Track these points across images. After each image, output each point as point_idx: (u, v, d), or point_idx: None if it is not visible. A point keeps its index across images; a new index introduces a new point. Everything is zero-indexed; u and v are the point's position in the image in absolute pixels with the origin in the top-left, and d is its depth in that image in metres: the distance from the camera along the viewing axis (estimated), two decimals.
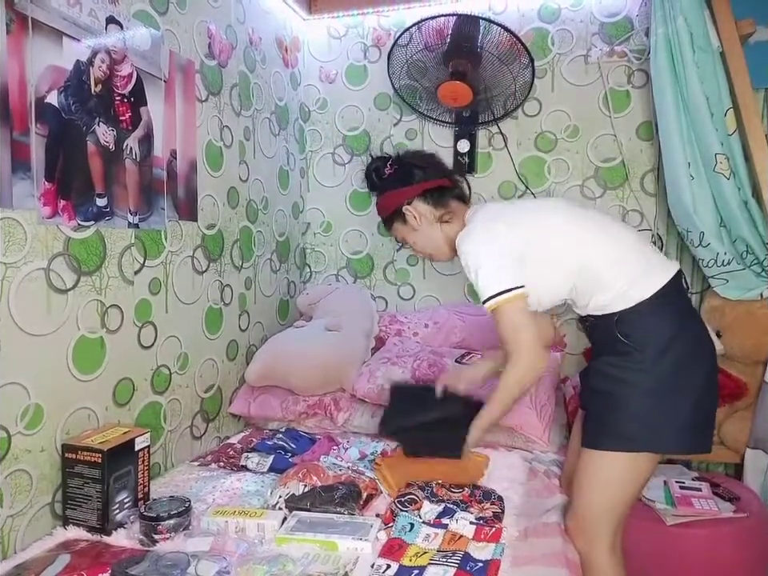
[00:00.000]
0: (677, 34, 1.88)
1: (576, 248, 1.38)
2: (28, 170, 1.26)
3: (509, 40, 2.12)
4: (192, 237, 1.82)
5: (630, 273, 1.34)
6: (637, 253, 1.38)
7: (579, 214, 1.46)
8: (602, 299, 1.35)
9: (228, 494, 1.47)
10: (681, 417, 1.31)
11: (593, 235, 1.39)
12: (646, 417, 1.31)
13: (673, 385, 1.31)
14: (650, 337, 1.32)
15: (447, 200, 1.52)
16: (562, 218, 1.43)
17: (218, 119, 1.94)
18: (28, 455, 1.30)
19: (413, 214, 1.50)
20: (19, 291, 1.26)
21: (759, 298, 1.92)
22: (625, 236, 1.42)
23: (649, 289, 1.32)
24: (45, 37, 1.29)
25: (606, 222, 1.45)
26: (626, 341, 1.33)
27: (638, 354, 1.31)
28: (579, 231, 1.40)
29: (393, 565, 1.15)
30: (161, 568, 1.09)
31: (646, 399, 1.31)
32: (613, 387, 1.35)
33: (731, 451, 1.97)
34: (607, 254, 1.37)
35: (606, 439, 1.35)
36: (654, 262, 1.38)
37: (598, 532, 1.36)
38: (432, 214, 1.51)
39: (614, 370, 1.35)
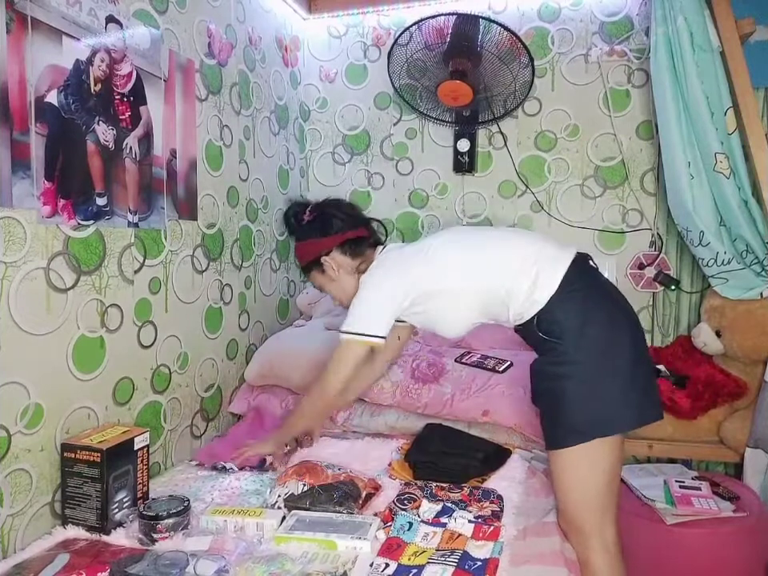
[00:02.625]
0: (677, 33, 1.88)
1: (472, 271, 1.42)
2: (28, 170, 1.26)
3: (509, 39, 2.12)
4: (192, 236, 1.82)
5: (531, 275, 1.36)
6: (530, 255, 1.39)
7: (467, 238, 1.51)
8: (517, 309, 1.38)
9: (227, 493, 1.47)
10: (618, 394, 1.32)
11: (485, 254, 1.43)
12: (585, 405, 1.32)
13: (600, 366, 1.33)
14: (565, 326, 1.34)
15: (364, 249, 1.56)
16: (453, 248, 1.46)
17: (218, 118, 1.94)
18: (28, 454, 1.30)
19: (331, 265, 1.53)
20: (19, 290, 1.26)
21: (759, 297, 1.92)
22: (515, 243, 1.45)
23: (551, 285, 1.34)
24: (44, 36, 1.29)
25: (492, 237, 1.51)
26: (548, 338, 1.35)
27: (560, 347, 1.34)
28: (471, 254, 1.44)
29: (391, 564, 1.15)
30: (160, 567, 1.09)
31: (580, 387, 1.32)
32: (548, 384, 1.37)
33: (731, 451, 1.97)
34: (503, 269, 1.40)
35: (560, 437, 1.36)
36: (552, 256, 1.39)
37: (585, 528, 1.35)
38: (350, 265, 1.54)
39: (546, 368, 1.38)
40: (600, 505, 1.36)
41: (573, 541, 1.37)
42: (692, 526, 1.65)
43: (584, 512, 1.35)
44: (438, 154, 2.47)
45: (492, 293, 1.41)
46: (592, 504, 1.35)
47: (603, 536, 1.36)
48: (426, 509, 1.34)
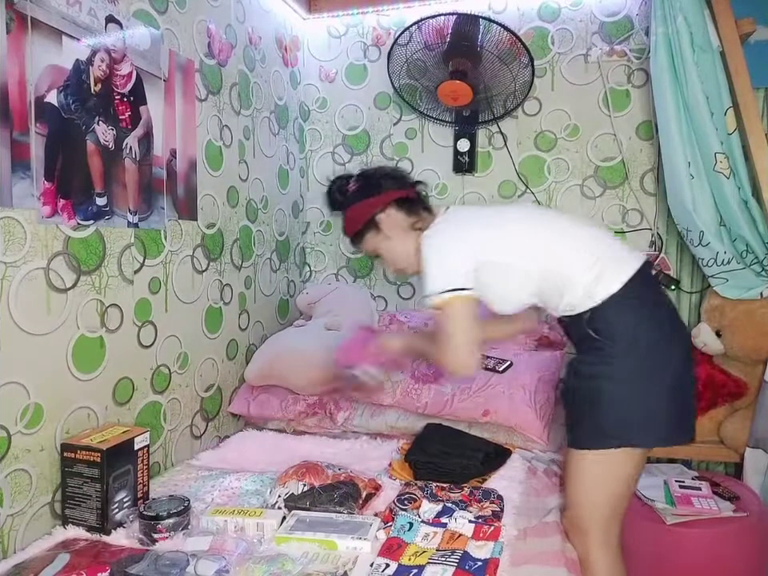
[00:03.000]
0: (677, 33, 1.88)
1: (539, 253, 1.38)
2: (28, 170, 1.26)
3: (509, 39, 2.12)
4: (192, 236, 1.82)
5: (595, 271, 1.33)
6: (601, 250, 1.37)
7: (541, 218, 1.47)
8: (571, 300, 1.35)
9: (227, 493, 1.47)
10: (658, 408, 1.31)
11: (556, 238, 1.40)
12: (621, 411, 1.30)
13: (646, 375, 1.31)
14: (618, 329, 1.31)
15: (418, 208, 1.51)
16: (524, 223, 1.43)
17: (218, 118, 1.94)
18: (28, 455, 1.30)
19: (387, 222, 1.48)
20: (19, 290, 1.26)
21: (759, 297, 1.92)
22: (588, 235, 1.42)
23: (615, 284, 1.32)
24: (44, 36, 1.29)
25: (568, 223, 1.45)
26: (597, 336, 1.33)
27: (608, 349, 1.31)
28: (542, 235, 1.40)
29: (392, 564, 1.15)
30: (160, 567, 1.09)
31: (620, 392, 1.30)
32: (588, 384, 1.35)
33: (731, 450, 1.97)
34: (571, 256, 1.36)
35: (585, 438, 1.35)
36: (619, 256, 1.38)
37: (590, 529, 1.35)
38: (406, 221, 1.49)
39: (588, 368, 1.36)
40: (611, 512, 1.36)
41: (575, 540, 1.37)
42: (692, 526, 1.65)
43: (593, 516, 1.35)
44: (438, 154, 2.46)
45: (553, 279, 1.37)
46: (603, 510, 1.35)
47: (607, 538, 1.36)
48: (426, 509, 1.34)
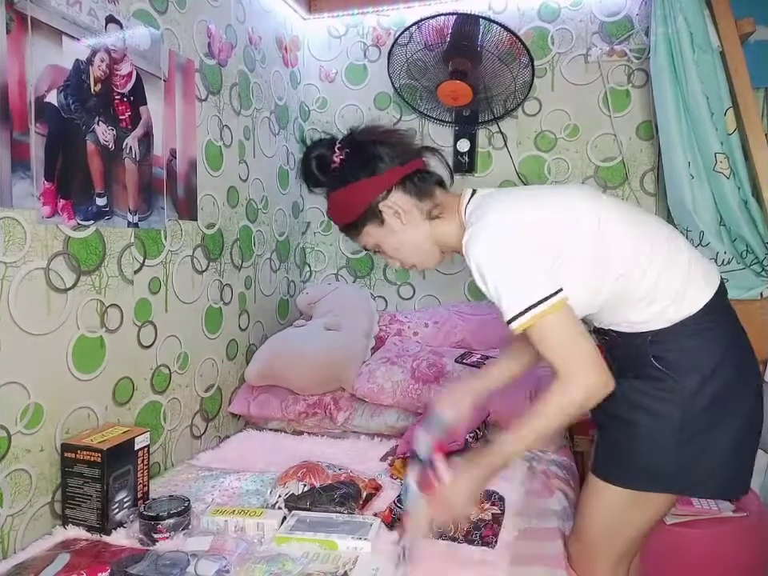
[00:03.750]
0: (677, 33, 1.88)
1: (616, 251, 1.08)
2: (28, 170, 1.26)
3: (509, 39, 2.12)
4: (192, 236, 1.82)
5: (672, 286, 1.08)
6: (684, 258, 1.11)
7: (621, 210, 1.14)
8: (636, 315, 1.11)
9: (227, 493, 1.46)
10: (715, 458, 1.10)
11: (636, 236, 1.10)
12: (673, 455, 1.10)
13: (710, 421, 1.09)
14: (691, 364, 1.09)
15: (430, 187, 1.17)
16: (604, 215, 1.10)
17: (218, 118, 1.94)
18: (28, 455, 1.30)
19: (393, 210, 1.14)
20: (19, 291, 1.26)
21: (759, 297, 1.91)
22: (672, 242, 1.13)
23: (693, 305, 1.09)
24: (44, 36, 1.29)
25: (643, 219, 1.15)
26: (660, 366, 1.10)
27: (673, 383, 1.09)
28: (626, 235, 1.09)
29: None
30: (160, 567, 1.09)
31: (677, 435, 1.09)
32: (638, 417, 1.12)
33: None
34: (648, 262, 1.08)
35: (620, 472, 1.15)
36: (698, 271, 1.12)
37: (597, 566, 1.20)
38: (417, 208, 1.15)
39: (641, 398, 1.12)
40: (625, 551, 1.21)
41: (580, 568, 1.23)
42: (692, 526, 1.65)
43: (605, 552, 1.20)
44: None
45: (626, 288, 1.09)
46: (618, 549, 1.20)
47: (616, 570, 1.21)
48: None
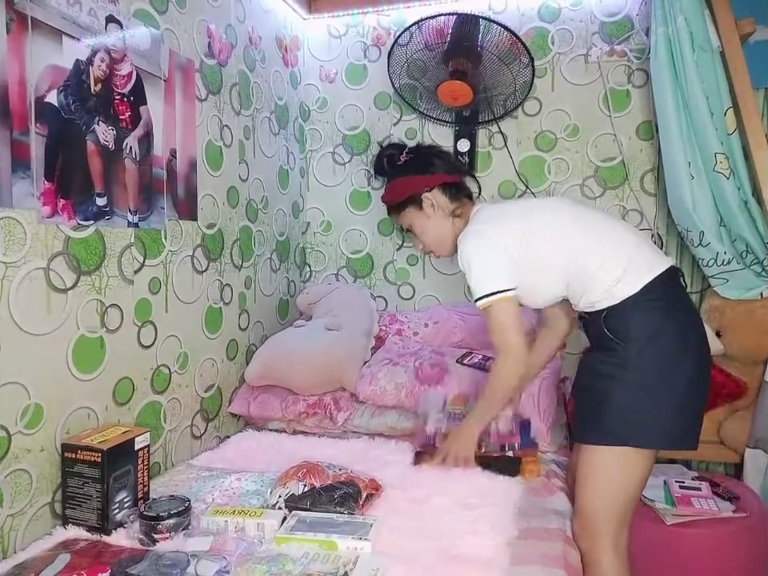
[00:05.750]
0: (677, 33, 1.88)
1: (570, 247, 1.40)
2: (28, 170, 1.26)
3: (509, 39, 2.12)
4: (192, 236, 1.82)
5: (618, 269, 1.34)
6: (627, 249, 1.38)
7: (573, 213, 1.48)
8: (592, 296, 1.38)
9: (227, 493, 1.46)
10: (663, 413, 1.32)
11: (585, 233, 1.41)
12: (627, 412, 1.32)
13: (656, 381, 1.32)
14: (633, 332, 1.33)
15: (462, 196, 1.59)
16: (557, 217, 1.46)
17: (218, 118, 1.94)
18: (28, 455, 1.30)
19: (431, 202, 1.55)
20: (19, 291, 1.26)
21: (759, 297, 1.92)
22: (616, 232, 1.43)
23: (635, 285, 1.33)
24: (44, 36, 1.29)
25: (599, 219, 1.47)
26: (612, 336, 1.35)
27: (622, 350, 1.33)
28: (572, 230, 1.42)
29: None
30: (160, 567, 1.09)
31: (628, 394, 1.32)
32: (598, 382, 1.38)
33: (731, 451, 1.97)
34: (597, 252, 1.38)
35: (592, 433, 1.38)
36: (645, 259, 1.38)
37: (600, 530, 1.36)
38: (447, 206, 1.56)
39: (600, 366, 1.38)
40: (622, 513, 1.37)
41: (584, 543, 1.37)
42: (692, 526, 1.65)
43: (605, 517, 1.36)
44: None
45: (579, 274, 1.39)
46: (615, 510, 1.36)
47: (617, 541, 1.36)
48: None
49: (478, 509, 1.36)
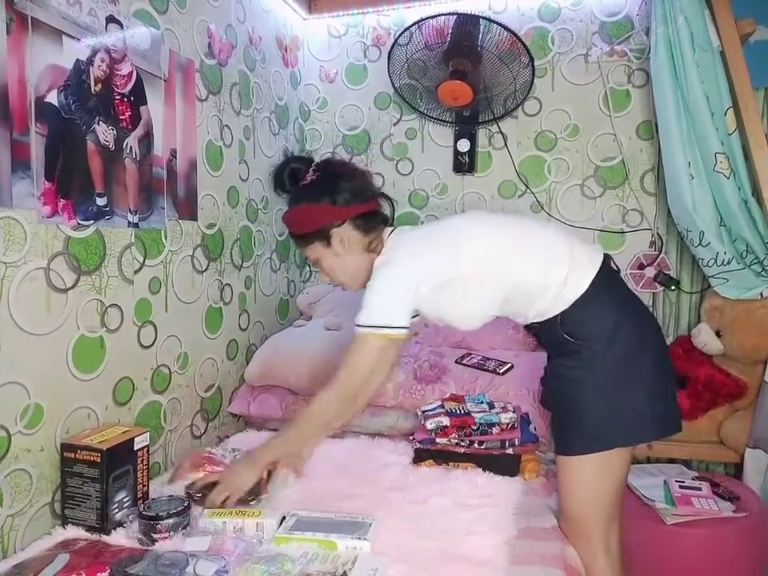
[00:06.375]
0: (677, 33, 1.88)
1: (507, 264, 1.32)
2: (28, 170, 1.26)
3: (509, 39, 2.12)
4: (192, 236, 1.82)
5: (560, 273, 1.29)
6: (562, 250, 1.32)
7: (496, 225, 1.38)
8: (541, 306, 1.31)
9: None
10: (638, 406, 1.28)
11: (520, 245, 1.34)
12: (603, 413, 1.28)
13: (623, 375, 1.28)
14: (594, 330, 1.28)
15: (376, 225, 1.40)
16: (479, 233, 1.35)
17: (218, 118, 1.94)
18: (27, 454, 1.30)
19: (340, 238, 1.36)
20: (19, 290, 1.26)
21: (759, 297, 1.92)
22: (546, 236, 1.36)
23: (582, 284, 1.29)
24: (44, 36, 1.29)
25: (524, 227, 1.39)
26: (573, 339, 1.30)
27: (586, 351, 1.29)
28: (507, 246, 1.34)
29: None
30: (160, 567, 1.09)
31: (600, 395, 1.28)
32: (568, 388, 1.32)
33: (731, 451, 1.97)
34: (534, 262, 1.32)
35: (571, 443, 1.33)
36: (580, 255, 1.32)
37: (590, 533, 1.34)
38: (360, 242, 1.37)
39: (566, 371, 1.32)
40: (608, 513, 1.34)
41: (578, 547, 1.35)
42: (692, 526, 1.65)
43: (591, 520, 1.33)
44: (438, 154, 2.46)
45: (518, 286, 1.32)
46: (601, 513, 1.33)
47: (607, 542, 1.35)
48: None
49: (478, 509, 1.36)
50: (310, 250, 1.40)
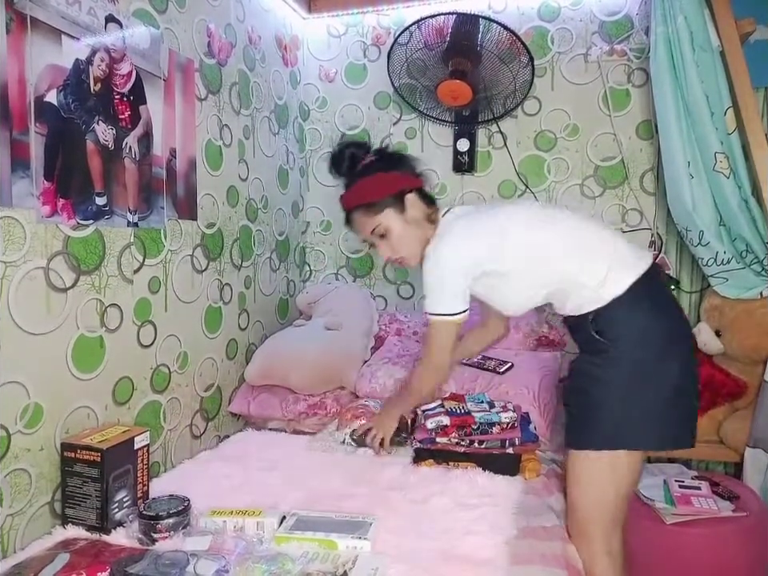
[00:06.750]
0: (677, 32, 1.88)
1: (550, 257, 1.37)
2: (27, 169, 1.26)
3: (508, 39, 2.12)
4: (191, 236, 1.82)
5: (602, 272, 1.32)
6: (605, 249, 1.36)
7: (546, 219, 1.43)
8: (577, 301, 1.36)
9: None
10: (654, 413, 1.30)
11: (562, 240, 1.38)
12: (619, 414, 1.31)
13: (645, 380, 1.30)
14: (622, 332, 1.31)
15: (432, 201, 1.51)
16: (530, 226, 1.40)
17: (218, 118, 1.94)
18: (27, 454, 1.30)
19: (412, 204, 1.44)
20: (19, 290, 1.26)
21: (759, 296, 1.92)
22: (595, 235, 1.40)
23: (621, 285, 1.31)
24: (44, 36, 1.29)
25: (575, 223, 1.42)
26: (601, 338, 1.32)
27: (612, 351, 1.31)
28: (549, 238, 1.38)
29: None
30: (160, 567, 1.09)
31: (619, 396, 1.31)
32: (589, 385, 1.35)
33: (731, 450, 1.97)
34: (578, 257, 1.35)
35: (584, 439, 1.36)
36: (626, 258, 1.36)
37: (595, 535, 1.35)
38: (424, 212, 1.47)
39: (590, 368, 1.36)
40: (613, 515, 1.36)
41: (579, 547, 1.37)
42: (692, 526, 1.65)
43: (596, 519, 1.35)
44: (438, 153, 2.46)
45: (560, 280, 1.37)
46: (606, 513, 1.35)
47: (609, 544, 1.35)
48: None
49: (478, 508, 1.36)
50: (379, 218, 1.43)
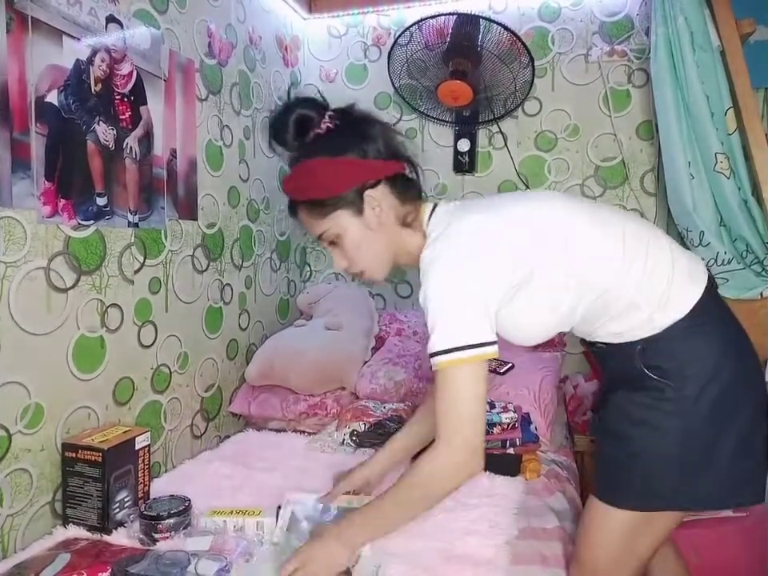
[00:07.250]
0: (677, 33, 1.88)
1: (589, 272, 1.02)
2: (28, 170, 1.26)
3: (509, 39, 2.12)
4: (192, 236, 1.82)
5: (657, 289, 1.01)
6: (665, 261, 1.03)
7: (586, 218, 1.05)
8: (621, 325, 1.03)
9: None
10: (721, 468, 1.01)
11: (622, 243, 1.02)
12: (676, 469, 1.02)
13: (714, 429, 1.01)
14: (688, 369, 1.01)
15: (413, 195, 1.09)
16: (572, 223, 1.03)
17: (218, 118, 1.94)
18: (28, 454, 1.30)
19: (377, 204, 1.04)
20: (19, 290, 1.26)
21: (759, 297, 1.91)
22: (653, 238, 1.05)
23: (681, 308, 1.01)
24: (45, 36, 1.29)
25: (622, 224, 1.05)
26: (655, 375, 1.01)
27: (674, 392, 1.01)
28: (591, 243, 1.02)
29: None
30: (161, 567, 1.09)
31: (678, 447, 1.01)
32: (635, 431, 1.04)
33: None
34: (631, 268, 1.01)
35: (622, 494, 1.07)
36: (683, 271, 1.04)
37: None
38: (396, 212, 1.06)
39: (636, 410, 1.04)
40: (636, 569, 1.12)
41: None
42: (692, 526, 1.64)
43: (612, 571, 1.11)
44: (438, 154, 2.46)
45: (606, 297, 1.02)
46: (627, 567, 1.11)
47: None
48: None
49: (478, 509, 1.36)
50: (328, 221, 1.05)
